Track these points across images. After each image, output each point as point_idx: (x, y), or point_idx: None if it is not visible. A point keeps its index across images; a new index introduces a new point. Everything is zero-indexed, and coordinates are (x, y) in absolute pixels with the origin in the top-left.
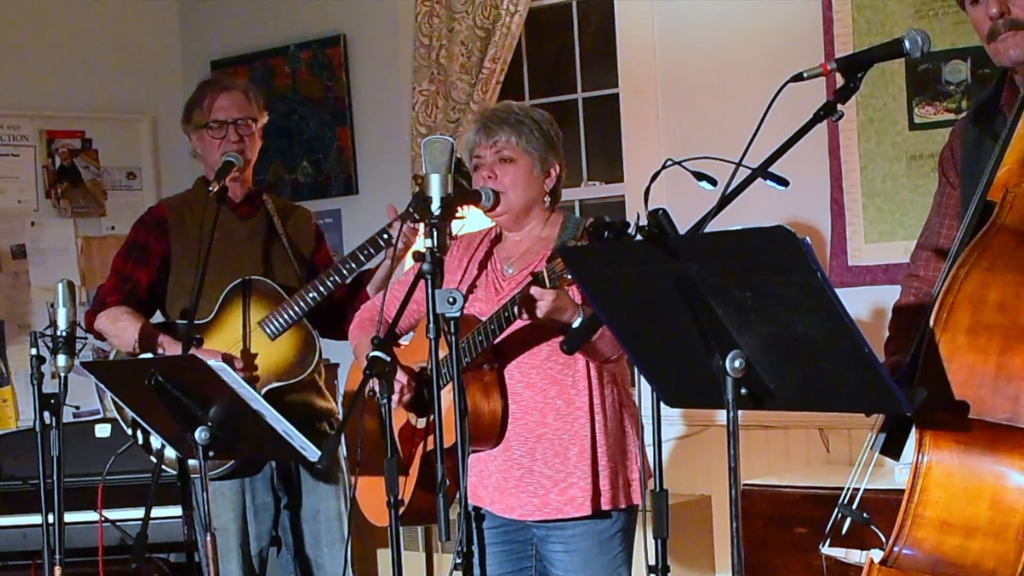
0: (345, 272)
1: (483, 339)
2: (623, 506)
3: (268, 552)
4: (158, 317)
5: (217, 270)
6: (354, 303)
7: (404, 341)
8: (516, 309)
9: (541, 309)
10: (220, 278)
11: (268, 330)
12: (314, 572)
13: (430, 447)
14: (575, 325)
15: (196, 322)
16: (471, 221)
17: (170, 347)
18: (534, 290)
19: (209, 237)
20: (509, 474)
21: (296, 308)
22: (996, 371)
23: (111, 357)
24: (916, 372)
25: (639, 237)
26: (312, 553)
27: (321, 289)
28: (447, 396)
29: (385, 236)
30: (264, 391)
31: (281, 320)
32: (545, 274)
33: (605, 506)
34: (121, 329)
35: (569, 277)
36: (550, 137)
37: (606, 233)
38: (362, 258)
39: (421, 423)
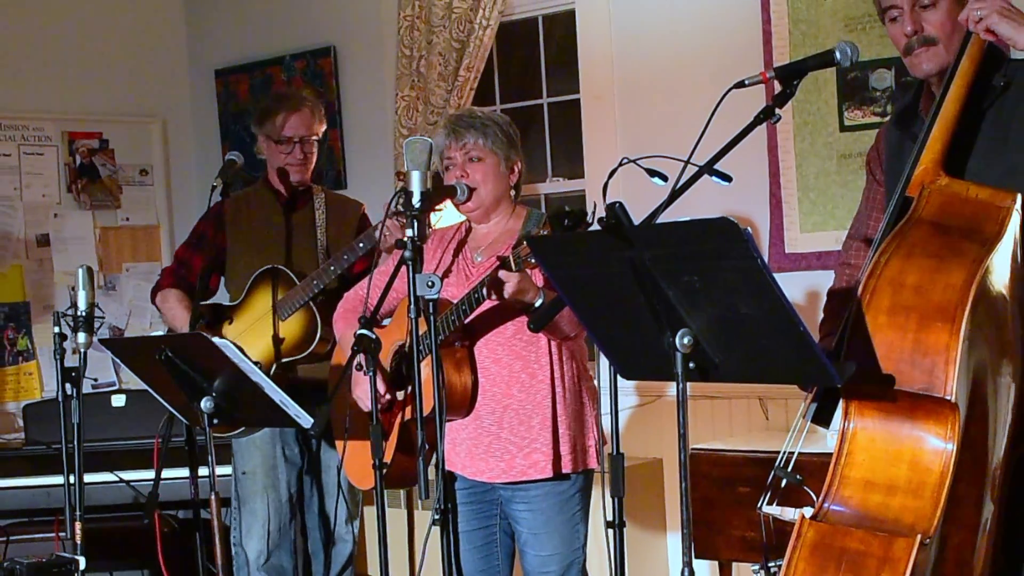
0: (343, 263)
1: (455, 319)
2: (580, 469)
3: (300, 498)
4: (221, 295)
5: (259, 257)
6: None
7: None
8: (485, 290)
9: (507, 290)
10: (260, 264)
11: (280, 312)
12: (327, 521)
13: (407, 417)
14: (537, 304)
15: (227, 304)
16: (445, 217)
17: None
18: (501, 273)
19: (213, 227)
20: (479, 441)
21: (303, 293)
22: (913, 346)
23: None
24: (843, 348)
25: (598, 227)
26: (327, 505)
27: (324, 277)
28: (424, 370)
29: (378, 232)
30: (282, 363)
31: (290, 304)
32: (511, 258)
33: (564, 469)
34: (167, 309)
35: (532, 261)
36: (511, 137)
37: (565, 220)
38: (357, 250)
39: (399, 395)
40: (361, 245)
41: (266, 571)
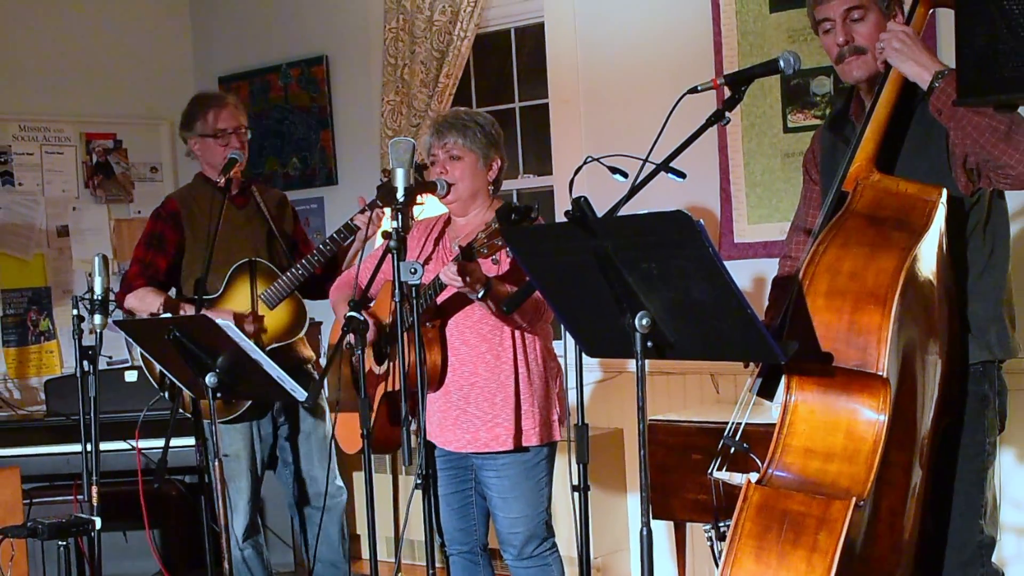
0: (327, 252)
1: (423, 301)
2: (542, 443)
3: (264, 471)
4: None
5: (223, 250)
6: (331, 276)
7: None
8: (443, 277)
9: (471, 275)
10: (226, 256)
11: (268, 301)
12: (307, 483)
13: (388, 389)
14: (480, 296)
15: (208, 297)
16: (428, 208)
17: (189, 311)
18: (461, 263)
19: (217, 221)
20: (447, 414)
21: (289, 282)
22: (849, 327)
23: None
24: (785, 329)
25: (565, 220)
26: (306, 467)
27: (308, 266)
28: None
29: (354, 223)
30: (267, 350)
31: (278, 292)
32: (475, 247)
33: (525, 443)
34: (148, 304)
35: (485, 252)
36: (492, 137)
37: (512, 215)
38: (339, 239)
39: (380, 369)
40: (342, 235)
41: (251, 545)
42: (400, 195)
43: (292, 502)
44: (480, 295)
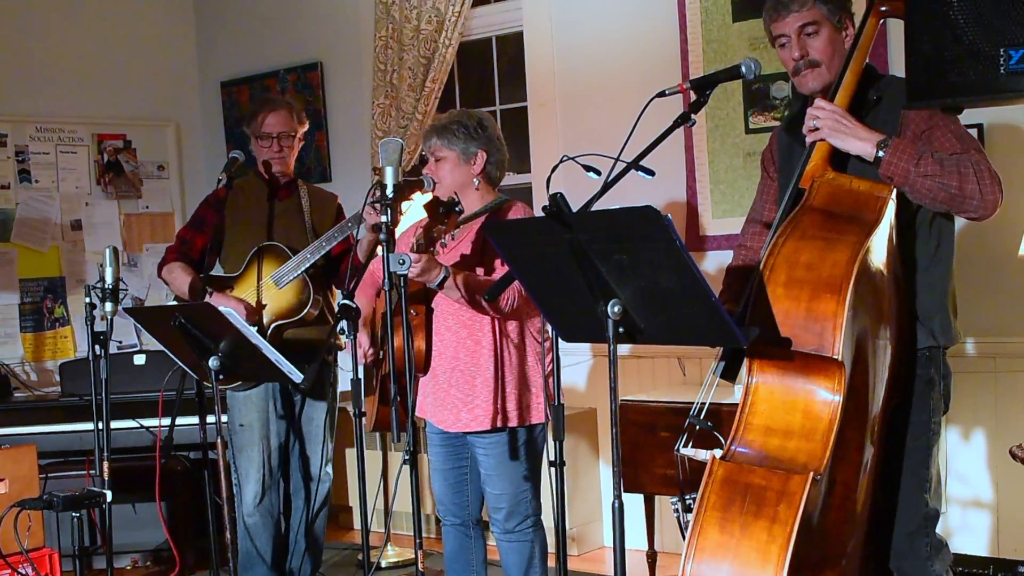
0: (334, 240)
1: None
2: (519, 424)
3: (285, 446)
4: (218, 270)
5: (255, 237)
6: (346, 260)
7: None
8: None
9: (412, 272)
10: (256, 242)
11: (276, 280)
12: (307, 463)
13: (382, 372)
14: (439, 280)
15: (229, 275)
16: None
17: (216, 297)
18: (413, 256)
19: (221, 211)
20: (436, 394)
21: (299, 265)
22: (806, 314)
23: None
24: (747, 316)
25: (543, 214)
26: (307, 450)
27: (317, 252)
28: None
29: (363, 213)
30: (272, 327)
31: (287, 274)
32: (415, 242)
33: (501, 424)
34: (174, 278)
35: (422, 244)
36: (471, 132)
37: (440, 208)
38: (346, 229)
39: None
40: (349, 225)
41: (259, 513)
42: (389, 192)
43: (297, 478)
44: (436, 283)
